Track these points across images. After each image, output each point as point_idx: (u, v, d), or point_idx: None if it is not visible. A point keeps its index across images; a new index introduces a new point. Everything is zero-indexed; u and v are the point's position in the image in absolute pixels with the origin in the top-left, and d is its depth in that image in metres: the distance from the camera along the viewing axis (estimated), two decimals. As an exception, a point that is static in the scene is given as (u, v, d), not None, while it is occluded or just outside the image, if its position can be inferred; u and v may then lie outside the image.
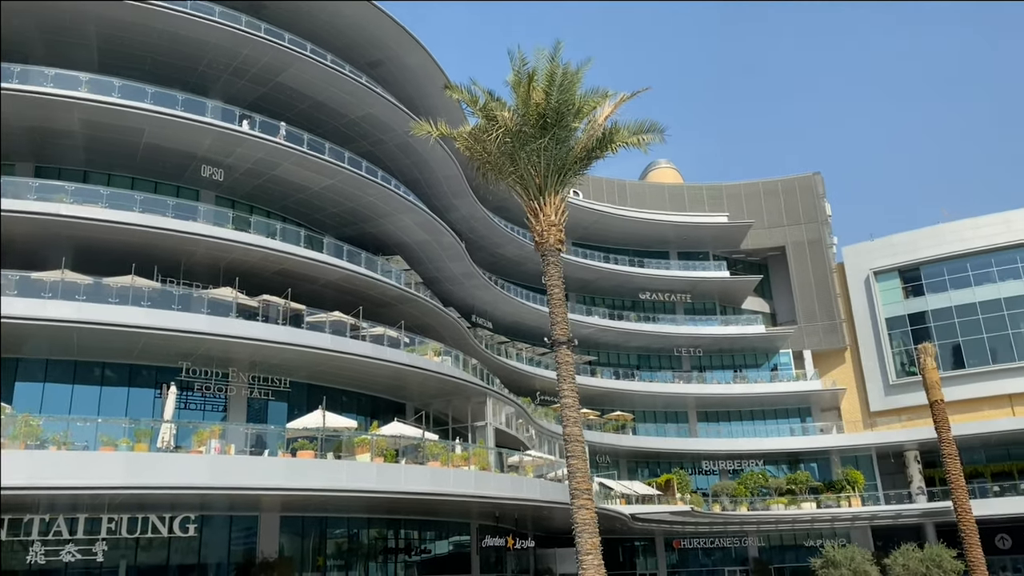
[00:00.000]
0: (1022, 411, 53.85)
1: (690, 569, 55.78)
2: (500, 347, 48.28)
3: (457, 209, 42.00)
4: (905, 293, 60.71)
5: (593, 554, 14.45)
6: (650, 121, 16.18)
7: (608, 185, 62.13)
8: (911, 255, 60.34)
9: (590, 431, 51.11)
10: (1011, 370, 55.14)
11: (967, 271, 58.46)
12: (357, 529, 30.93)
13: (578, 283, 57.50)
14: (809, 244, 62.47)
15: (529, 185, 16.05)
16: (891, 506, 52.56)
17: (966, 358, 57.24)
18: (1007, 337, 56.28)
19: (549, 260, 16.05)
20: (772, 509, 51.98)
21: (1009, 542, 52.33)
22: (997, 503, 49.09)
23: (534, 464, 35.67)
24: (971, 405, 54.13)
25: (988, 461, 54.56)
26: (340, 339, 28.90)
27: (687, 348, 60.70)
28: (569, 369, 15.55)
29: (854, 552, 35.95)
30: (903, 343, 58.93)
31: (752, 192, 64.42)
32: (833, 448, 56.77)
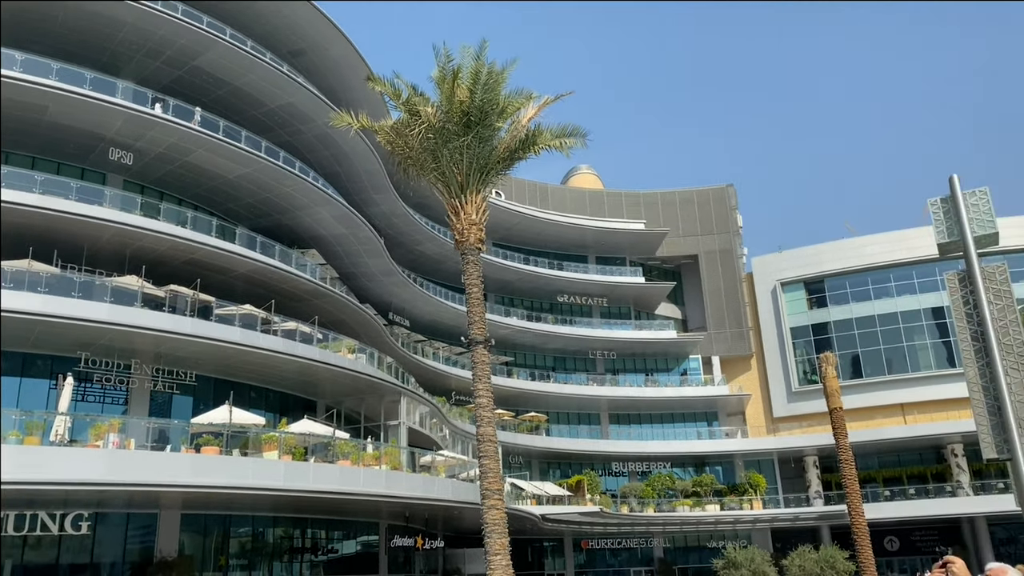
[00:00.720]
0: (913, 420, 56.73)
1: (597, 569, 56.59)
2: (417, 346, 47.96)
3: (377, 204, 41.51)
4: (809, 304, 63.21)
5: (501, 554, 14.48)
6: (573, 125, 16.34)
7: (531, 188, 62.57)
8: (816, 268, 62.87)
9: (504, 432, 51.31)
10: (904, 381, 58.05)
11: (867, 285, 61.28)
12: (262, 528, 30.17)
13: (498, 284, 57.66)
14: (720, 253, 64.32)
15: (451, 183, 15.97)
16: (790, 509, 54.57)
17: (864, 368, 59.99)
18: (902, 349, 59.23)
19: (468, 259, 16.01)
20: (678, 511, 53.25)
21: (897, 544, 55.07)
22: (888, 507, 51.57)
23: (447, 464, 35.54)
24: (867, 413, 56.69)
25: (881, 467, 57.27)
26: (250, 333, 28.14)
27: (602, 351, 61.68)
28: (485, 369, 15.55)
29: (754, 553, 37.18)
30: (806, 352, 61.31)
31: (668, 201, 65.92)
32: (737, 452, 58.57)
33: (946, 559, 4.80)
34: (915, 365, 58.48)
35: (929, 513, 51.87)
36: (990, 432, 8.98)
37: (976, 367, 9.18)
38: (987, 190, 9.64)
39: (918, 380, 57.57)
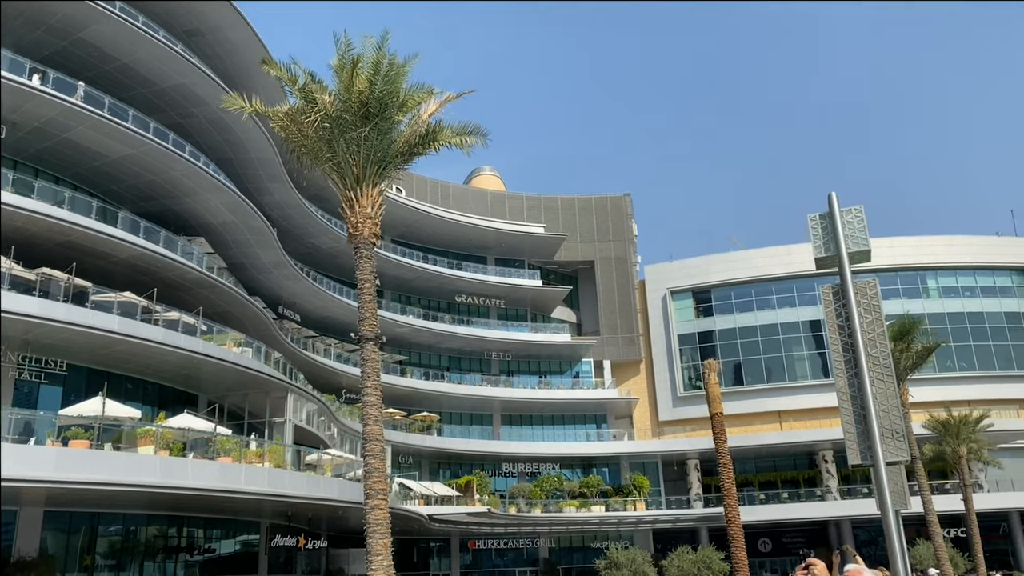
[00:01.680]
0: (788, 427, 59.51)
1: (483, 570, 56.74)
2: (307, 341, 46.84)
3: (271, 194, 40.31)
4: (697, 312, 65.40)
5: (383, 555, 14.25)
6: (474, 124, 16.28)
7: (432, 186, 62.20)
8: (704, 278, 65.15)
9: (395, 431, 50.79)
10: (782, 389, 60.86)
11: (751, 296, 63.93)
12: (134, 526, 28.73)
13: (395, 281, 57.03)
14: (615, 260, 65.73)
15: (346, 174, 15.61)
16: (671, 511, 56.24)
17: (745, 376, 62.53)
18: (780, 359, 62.07)
19: (362, 253, 15.70)
20: (564, 512, 54.02)
21: (770, 545, 57.62)
22: (762, 510, 53.90)
23: (334, 463, 34.83)
24: (746, 419, 59.10)
25: (757, 471, 59.79)
26: (129, 322, 26.73)
27: (498, 352, 61.96)
28: (374, 367, 15.28)
29: (635, 554, 38.09)
30: (692, 359, 63.38)
31: (568, 206, 66.88)
32: (624, 454, 59.94)
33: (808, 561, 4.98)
34: (792, 375, 61.40)
35: (800, 516, 54.53)
36: (856, 439, 9.45)
37: (845, 377, 9.64)
38: (862, 208, 10.15)
39: (794, 389, 60.46)
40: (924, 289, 63.58)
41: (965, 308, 62.95)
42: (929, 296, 63.32)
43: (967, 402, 52.04)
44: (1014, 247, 65.36)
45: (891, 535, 9.02)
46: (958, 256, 63.83)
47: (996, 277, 64.37)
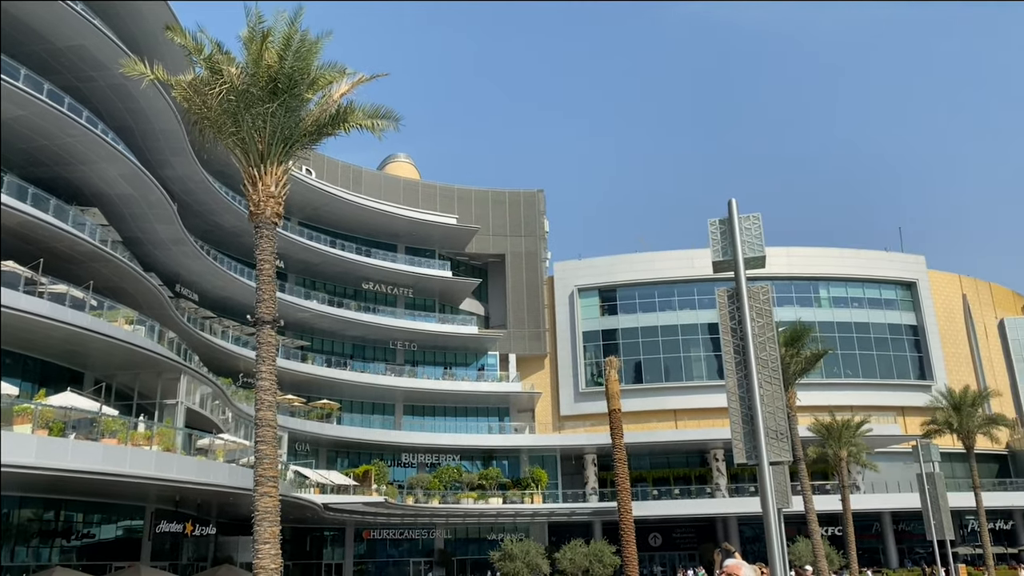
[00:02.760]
0: (683, 425, 61.29)
1: (377, 560, 56.27)
2: (205, 322, 45.25)
3: (173, 167, 38.68)
4: (602, 311, 66.57)
5: (271, 543, 13.90)
6: (387, 108, 16.00)
7: (344, 169, 61.04)
8: (610, 277, 66.37)
9: (294, 418, 49.73)
10: (678, 388, 62.62)
11: (654, 297, 65.51)
12: (7, 509, 27.12)
13: (300, 265, 55.75)
14: (526, 255, 66.14)
15: (251, 150, 15.08)
16: (567, 504, 57.10)
17: (644, 374, 64.06)
18: (679, 359, 63.85)
19: (263, 233, 15.21)
20: (462, 503, 54.10)
21: (660, 540, 59.25)
22: (654, 505, 55.33)
23: (226, 448, 33.76)
24: (644, 416, 60.54)
25: (652, 468, 61.37)
26: (10, 293, 25.14)
27: (403, 342, 61.41)
28: (270, 351, 14.86)
29: (529, 546, 38.47)
30: (595, 356, 64.46)
31: (482, 199, 66.86)
32: (524, 447, 60.48)
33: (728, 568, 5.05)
34: (689, 375, 63.25)
35: (690, 512, 56.28)
36: (743, 439, 9.75)
37: (735, 378, 9.92)
38: (759, 216, 10.45)
39: (690, 389, 62.31)
40: (816, 298, 66.56)
41: (853, 318, 66.24)
42: (820, 305, 66.33)
43: (850, 407, 54.76)
44: (900, 262, 69.19)
45: (771, 532, 9.35)
46: (848, 268, 67.09)
47: (882, 290, 68.00)
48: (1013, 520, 61.35)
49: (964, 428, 49.45)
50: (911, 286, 68.41)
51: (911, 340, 67.44)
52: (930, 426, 51.52)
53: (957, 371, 66.91)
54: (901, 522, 59.06)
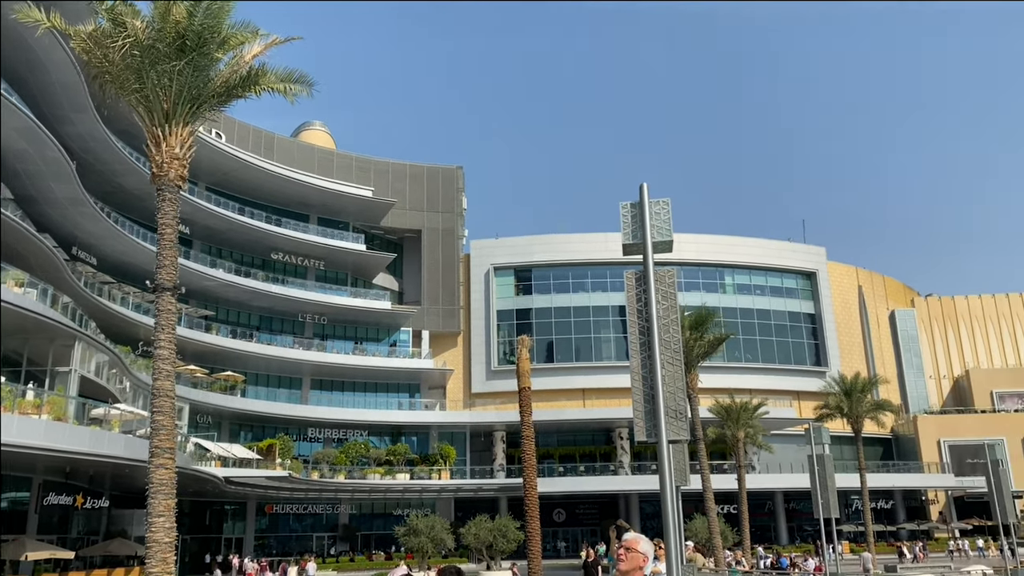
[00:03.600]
0: (591, 404, 62.42)
1: (279, 534, 55.50)
2: (103, 287, 43.30)
3: (74, 124, 36.71)
4: (517, 290, 66.98)
5: (166, 516, 13.49)
6: (300, 72, 15.49)
7: (256, 134, 59.21)
8: (526, 257, 66.75)
9: (196, 389, 48.31)
10: (588, 368, 63.68)
11: (568, 278, 66.28)
12: None
13: (207, 231, 53.96)
14: (443, 232, 65.78)
15: (155, 109, 14.41)
16: (475, 480, 57.51)
17: (556, 354, 64.89)
18: (590, 340, 64.92)
19: (166, 196, 14.60)
20: (369, 478, 53.79)
21: (564, 516, 60.38)
22: (560, 482, 56.29)
23: (123, 419, 32.50)
24: (554, 395, 61.38)
25: (559, 445, 62.38)
26: None
27: (313, 315, 60.32)
28: (170, 318, 14.33)
29: (434, 521, 38.57)
30: (509, 334, 64.86)
31: (399, 172, 66.01)
32: (434, 424, 60.49)
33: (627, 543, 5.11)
34: (599, 355, 64.41)
35: (594, 489, 57.51)
36: (644, 418, 9.95)
37: (639, 358, 10.11)
38: (668, 201, 10.63)
39: (599, 369, 63.45)
40: (722, 284, 68.67)
41: (755, 305, 68.68)
42: (725, 291, 68.47)
43: (749, 391, 56.79)
44: (802, 253, 72.02)
45: (667, 508, 9.61)
46: (753, 257, 69.41)
47: (784, 279, 70.67)
48: (893, 500, 65.14)
49: (853, 413, 52.16)
50: (811, 276, 71.33)
51: (809, 328, 70.42)
52: (823, 410, 54.12)
53: (850, 359, 70.33)
54: (792, 501, 61.89)
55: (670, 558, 9.69)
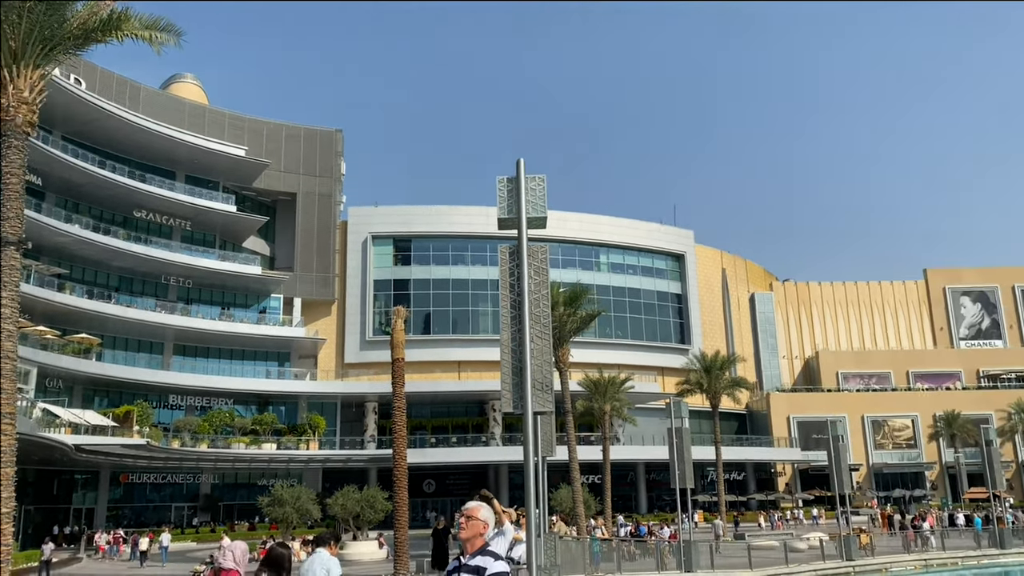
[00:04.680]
0: (466, 376, 62.91)
1: (135, 504, 53.18)
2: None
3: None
4: (395, 260, 66.31)
5: (5, 485, 12.63)
6: (167, 20, 14.57)
7: (120, 83, 55.51)
8: (407, 227, 66.12)
9: (45, 351, 45.26)
10: (464, 341, 64.01)
11: (448, 251, 66.21)
12: None
13: (62, 183, 50.41)
14: (320, 197, 64.09)
15: (1, 48, 13.26)
16: (344, 451, 56.92)
17: (433, 326, 64.85)
18: (467, 313, 65.24)
19: (12, 143, 13.48)
20: (233, 448, 52.24)
21: (434, 486, 60.76)
22: (432, 453, 56.54)
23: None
24: (430, 367, 61.41)
25: (433, 416, 62.59)
26: None
27: (178, 277, 57.58)
28: (13, 275, 13.31)
29: (300, 492, 37.95)
30: (385, 305, 64.17)
31: (275, 132, 63.69)
32: (304, 393, 59.30)
33: (467, 511, 5.14)
34: (475, 328, 64.86)
35: (466, 460, 58.12)
36: (511, 389, 10.14)
37: (510, 331, 10.28)
38: (544, 178, 10.79)
39: (475, 342, 63.92)
40: (596, 263, 70.47)
41: (627, 283, 70.93)
42: (600, 269, 70.33)
43: (617, 366, 58.74)
44: (672, 235, 74.86)
45: (530, 478, 9.84)
46: (627, 237, 71.54)
47: (655, 260, 73.29)
48: (745, 472, 69.25)
49: (712, 389, 54.89)
50: (680, 258, 74.28)
51: (675, 307, 73.43)
52: (684, 386, 56.68)
53: (712, 338, 73.88)
54: (653, 472, 64.67)
55: (530, 526, 9.96)
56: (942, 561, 33.94)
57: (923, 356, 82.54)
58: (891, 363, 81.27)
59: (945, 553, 34.58)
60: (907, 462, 73.28)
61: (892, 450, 74.01)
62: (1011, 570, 34.26)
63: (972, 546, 36.45)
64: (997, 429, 57.58)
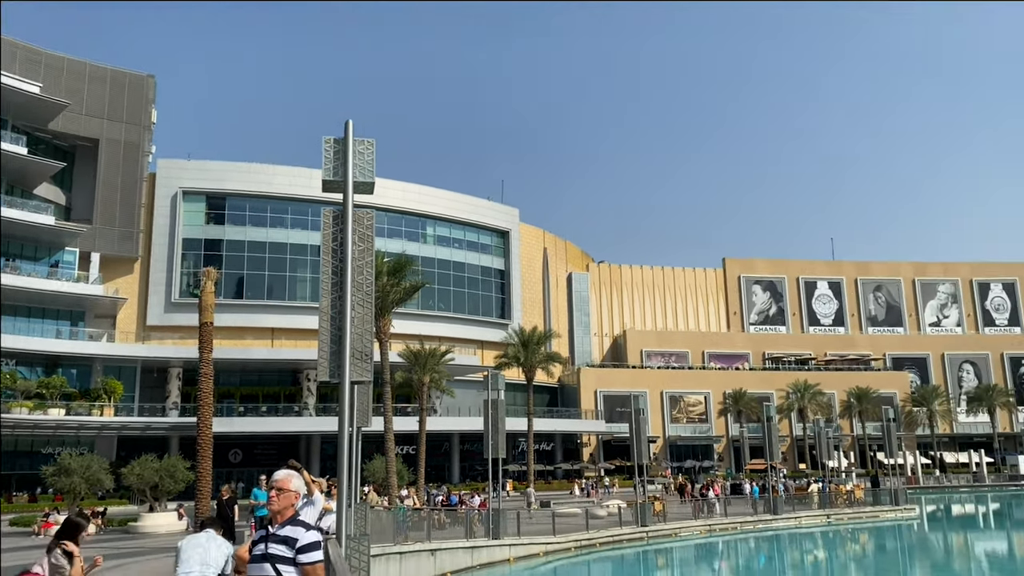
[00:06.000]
0: (280, 344, 60.86)
1: None
2: None
3: None
4: (208, 219, 62.72)
5: None
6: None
7: None
8: (222, 184, 62.65)
9: None
10: (280, 307, 61.89)
11: (267, 212, 63.47)
12: None
13: None
14: (125, 145, 59.26)
15: None
16: (143, 418, 53.49)
17: (246, 290, 62.10)
18: (284, 278, 63.03)
19: None
20: (14, 412, 47.58)
21: (241, 456, 58.56)
22: (240, 422, 54.37)
23: None
24: (241, 332, 58.80)
25: (242, 384, 60.13)
26: None
27: (-48, 223, 51.24)
28: None
29: (91, 460, 35.31)
30: (195, 265, 60.59)
31: (77, 71, 58.04)
32: (99, 356, 54.99)
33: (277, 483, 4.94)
34: (292, 294, 62.84)
35: (277, 430, 56.44)
36: (328, 358, 9.90)
37: (330, 298, 10.00)
38: (374, 142, 10.55)
39: (292, 309, 61.99)
40: (423, 234, 70.31)
41: (452, 257, 71.38)
42: (426, 241, 70.24)
43: (439, 338, 59.17)
44: (499, 212, 76.12)
45: (344, 448, 9.68)
46: (455, 211, 71.88)
47: (480, 235, 74.21)
48: (554, 442, 72.12)
49: (528, 363, 56.67)
50: (505, 235, 75.68)
51: (498, 283, 74.86)
52: (502, 359, 58.10)
53: (531, 314, 76.08)
54: (467, 443, 65.84)
55: (342, 496, 9.82)
56: (724, 526, 37.16)
57: (717, 338, 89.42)
58: (689, 343, 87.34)
59: (727, 519, 37.86)
60: (699, 435, 79.27)
61: (686, 424, 79.75)
62: (780, 533, 38.12)
63: (750, 512, 40.15)
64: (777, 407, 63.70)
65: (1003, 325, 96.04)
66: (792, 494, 45.90)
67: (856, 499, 46.12)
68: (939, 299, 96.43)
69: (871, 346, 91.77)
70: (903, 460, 66.05)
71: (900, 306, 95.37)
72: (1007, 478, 72.87)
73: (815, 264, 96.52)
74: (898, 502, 45.23)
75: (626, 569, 30.07)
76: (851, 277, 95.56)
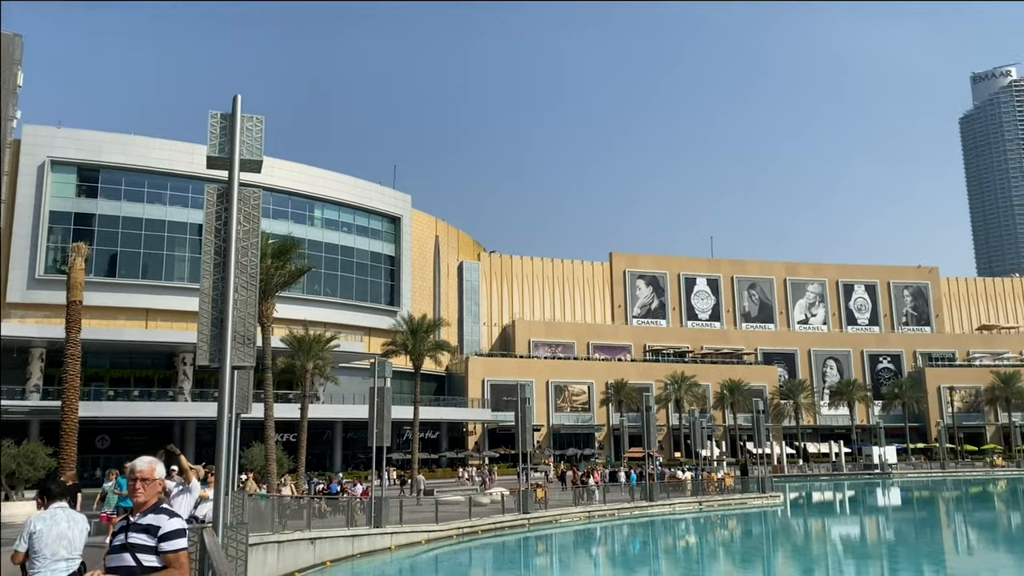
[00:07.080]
0: (155, 326, 58.14)
1: None
2: None
3: None
4: (79, 191, 59.13)
5: None
6: None
7: None
8: (95, 155, 59.13)
9: None
10: (156, 287, 59.05)
11: (144, 187, 60.34)
12: None
13: None
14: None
15: None
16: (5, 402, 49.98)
17: (120, 268, 58.94)
18: (161, 257, 60.16)
19: None
20: None
21: (109, 442, 55.67)
22: (109, 406, 51.70)
23: None
24: (112, 313, 55.81)
25: (112, 367, 57.13)
26: None
27: None
28: None
29: (-61, 446, 32.71)
30: (63, 240, 56.99)
31: (-68, 24, 53.29)
32: (-49, 335, 50.96)
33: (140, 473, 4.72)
34: (169, 274, 60.07)
35: (149, 415, 53.94)
36: (208, 341, 9.53)
37: (212, 279, 9.62)
38: (263, 119, 10.21)
39: (169, 289, 59.25)
40: (311, 217, 68.61)
41: (341, 241, 70.00)
42: (314, 224, 68.57)
43: (324, 324, 57.95)
44: (390, 197, 75.20)
45: (223, 434, 9.36)
46: (345, 195, 70.48)
47: (371, 220, 73.12)
48: (439, 431, 72.08)
49: (416, 351, 56.32)
50: (396, 221, 74.86)
51: (388, 269, 74.02)
52: (390, 347, 57.49)
53: (421, 302, 75.63)
54: (351, 430, 64.88)
55: (219, 484, 9.50)
56: (603, 512, 38.24)
57: (602, 330, 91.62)
58: (575, 334, 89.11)
59: (606, 506, 38.98)
60: (581, 424, 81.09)
61: (570, 412, 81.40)
62: (655, 519, 39.57)
63: (628, 499, 41.46)
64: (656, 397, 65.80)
65: (864, 324, 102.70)
66: (667, 482, 47.70)
67: (726, 487, 48.38)
68: (808, 298, 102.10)
69: (744, 341, 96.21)
70: (770, 450, 69.78)
71: (772, 304, 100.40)
72: (862, 467, 78.12)
73: (695, 261, 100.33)
74: (764, 490, 47.77)
75: (506, 555, 30.49)
76: (728, 275, 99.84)
